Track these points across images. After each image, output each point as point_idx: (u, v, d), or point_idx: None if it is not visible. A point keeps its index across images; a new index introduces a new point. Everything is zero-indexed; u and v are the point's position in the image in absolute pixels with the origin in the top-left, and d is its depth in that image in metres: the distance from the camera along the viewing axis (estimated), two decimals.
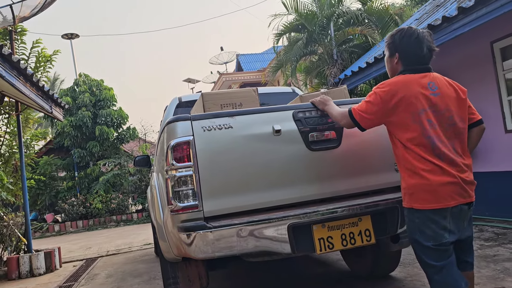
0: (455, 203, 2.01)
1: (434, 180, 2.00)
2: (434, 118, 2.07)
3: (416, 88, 2.09)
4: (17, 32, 6.75)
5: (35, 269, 6.04)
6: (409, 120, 2.08)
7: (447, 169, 2.01)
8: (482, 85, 5.62)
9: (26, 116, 7.22)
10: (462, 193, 2.02)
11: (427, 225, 2.04)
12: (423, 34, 2.18)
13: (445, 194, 2.00)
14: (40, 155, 14.47)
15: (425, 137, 2.04)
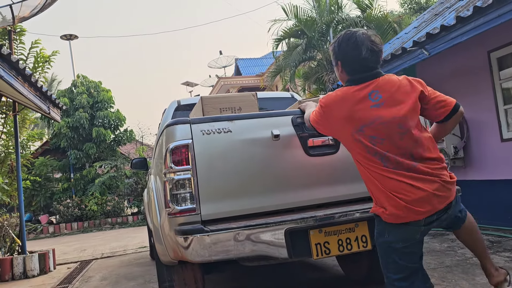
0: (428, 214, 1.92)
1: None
2: (378, 132, 1.92)
3: (350, 106, 1.96)
4: (16, 32, 6.75)
5: (29, 270, 6.00)
6: (349, 139, 2.01)
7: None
8: (478, 94, 5.66)
9: (23, 117, 7.19)
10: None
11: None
12: (362, 36, 2.01)
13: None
14: (36, 156, 14.43)
15: (371, 154, 1.93)
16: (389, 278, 2.06)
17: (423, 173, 1.90)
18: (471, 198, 4.98)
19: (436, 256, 4.34)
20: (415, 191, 1.87)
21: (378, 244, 2.09)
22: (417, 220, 1.90)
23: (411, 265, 2.01)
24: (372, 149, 1.93)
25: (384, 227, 2.01)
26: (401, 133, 1.92)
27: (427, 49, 5.45)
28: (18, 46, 6.89)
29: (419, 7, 17.11)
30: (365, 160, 1.98)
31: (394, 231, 1.97)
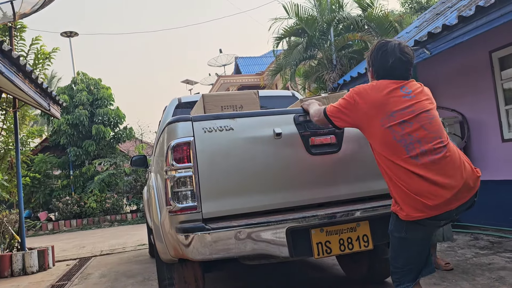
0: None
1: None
2: (409, 116, 2.08)
3: (384, 93, 2.14)
4: (16, 28, 6.73)
5: (28, 267, 5.99)
6: (376, 127, 2.13)
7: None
8: (480, 94, 5.65)
9: (23, 113, 7.18)
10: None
11: None
12: (393, 47, 2.21)
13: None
14: (36, 153, 14.41)
15: (397, 140, 2.07)
16: (397, 268, 2.22)
17: (447, 173, 2.01)
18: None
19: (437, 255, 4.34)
20: (440, 192, 1.99)
21: (393, 237, 2.22)
22: (436, 215, 2.02)
23: (422, 257, 2.21)
24: (399, 134, 2.06)
25: (402, 225, 2.12)
26: (430, 119, 2.11)
27: (429, 49, 5.44)
28: (19, 42, 6.87)
29: (420, 7, 17.09)
30: (388, 152, 2.09)
31: (413, 231, 2.11)
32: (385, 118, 2.10)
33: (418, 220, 2.05)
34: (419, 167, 2.01)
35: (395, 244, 2.22)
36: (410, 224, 2.09)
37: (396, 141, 2.06)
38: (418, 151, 2.03)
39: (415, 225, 2.08)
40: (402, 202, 2.08)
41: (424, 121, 2.08)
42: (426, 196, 1.99)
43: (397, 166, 2.06)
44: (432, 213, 2.01)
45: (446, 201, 2.00)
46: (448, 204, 2.01)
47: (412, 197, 2.02)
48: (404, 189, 2.04)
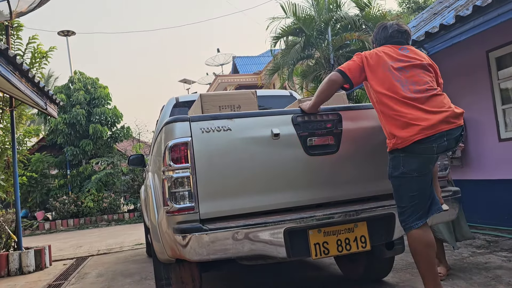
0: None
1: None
2: (405, 66, 2.55)
3: (389, 48, 2.66)
4: (13, 27, 6.70)
5: (25, 266, 5.98)
6: (381, 71, 2.56)
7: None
8: (477, 94, 5.66)
9: (20, 112, 7.14)
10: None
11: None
12: (392, 23, 2.81)
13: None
14: (33, 152, 14.35)
15: (395, 79, 2.51)
16: (403, 208, 2.47)
17: (437, 105, 2.42)
18: (468, 197, 4.99)
19: None
20: (431, 116, 2.38)
21: (394, 178, 2.50)
22: (430, 135, 2.35)
23: (425, 193, 2.46)
24: (397, 76, 2.51)
25: (399, 160, 2.46)
26: (424, 71, 2.57)
27: (426, 48, 5.44)
28: (16, 41, 6.83)
29: (418, 6, 17.12)
30: (389, 90, 2.49)
31: (409, 162, 2.42)
32: (386, 66, 2.55)
33: (414, 147, 2.37)
34: (415, 100, 2.42)
35: (396, 184, 2.50)
36: (406, 156, 2.42)
37: (395, 81, 2.49)
38: (413, 89, 2.46)
39: (410, 155, 2.41)
40: (400, 131, 2.41)
41: (419, 71, 2.55)
42: (421, 120, 2.37)
43: (396, 100, 2.45)
44: (427, 132, 2.35)
45: (438, 123, 2.37)
46: (440, 125, 2.37)
47: (410, 123, 2.38)
48: (401, 119, 2.40)
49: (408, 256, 4.42)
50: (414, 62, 2.57)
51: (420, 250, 2.44)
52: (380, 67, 2.57)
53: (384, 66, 2.56)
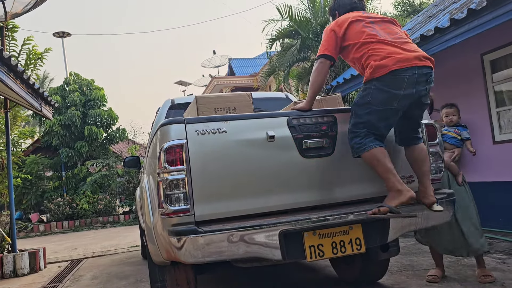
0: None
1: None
2: (375, 21, 2.81)
3: (356, 13, 2.89)
4: (8, 28, 6.67)
5: (19, 269, 5.94)
6: (358, 30, 2.76)
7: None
8: (471, 96, 5.69)
9: (14, 114, 7.10)
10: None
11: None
12: None
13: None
14: (27, 154, 14.28)
15: (370, 29, 2.74)
16: (356, 132, 2.58)
17: (412, 48, 2.68)
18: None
19: (429, 257, 4.35)
20: (407, 53, 2.60)
21: (357, 106, 2.65)
22: (404, 67, 2.54)
23: (380, 129, 2.60)
24: (372, 28, 2.75)
25: (369, 91, 2.61)
26: (393, 24, 2.87)
27: None
28: (10, 42, 6.80)
29: (413, 9, 17.20)
30: (365, 37, 2.70)
31: (378, 94, 2.57)
32: (360, 23, 2.78)
33: (387, 77, 2.54)
34: (392, 42, 2.66)
35: (358, 110, 2.63)
36: (377, 89, 2.57)
37: (371, 31, 2.72)
38: (388, 37, 2.70)
39: (381, 88, 2.56)
40: (378, 61, 2.57)
41: (389, 24, 2.84)
42: (398, 54, 2.58)
43: (376, 42, 2.66)
44: (401, 64, 2.53)
45: (413, 58, 2.57)
46: (414, 60, 2.57)
47: (387, 56, 2.57)
48: (381, 54, 2.60)
49: (403, 258, 4.44)
50: (383, 18, 2.89)
51: (376, 163, 2.54)
52: (353, 26, 2.78)
53: (357, 23, 2.78)
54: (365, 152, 2.53)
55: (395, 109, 2.60)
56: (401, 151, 2.83)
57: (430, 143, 2.92)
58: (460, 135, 3.83)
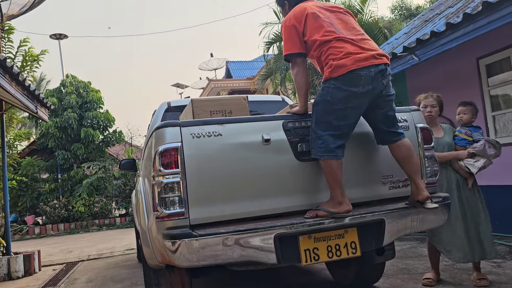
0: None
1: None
2: (329, 17, 2.78)
3: (310, 6, 2.81)
4: (4, 30, 6.66)
5: (13, 272, 5.90)
6: (316, 26, 2.72)
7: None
8: (467, 100, 5.70)
9: (10, 116, 7.10)
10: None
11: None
12: None
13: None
14: (23, 156, 14.23)
15: (328, 26, 2.71)
16: (317, 133, 2.58)
17: (369, 46, 2.70)
18: None
19: (425, 261, 4.36)
20: (365, 52, 2.62)
21: (318, 106, 2.63)
22: (361, 67, 2.56)
23: (342, 128, 2.60)
24: (329, 23, 2.73)
25: (328, 90, 2.61)
26: (349, 17, 2.88)
27: (417, 55, 5.49)
28: (6, 44, 6.80)
29: (409, 13, 17.28)
30: (324, 34, 2.68)
31: (337, 93, 2.58)
32: (316, 17, 2.73)
33: (346, 76, 2.55)
34: (351, 40, 2.66)
35: (318, 110, 2.63)
36: (335, 88, 2.57)
37: (328, 26, 2.70)
38: (346, 33, 2.70)
39: (340, 86, 2.56)
40: (338, 61, 2.58)
41: (345, 17, 2.84)
42: (356, 53, 2.59)
43: (332, 41, 2.65)
44: (359, 64, 2.56)
45: (369, 57, 2.60)
46: (371, 59, 2.60)
47: (346, 56, 2.58)
48: (340, 53, 2.60)
49: (399, 262, 4.44)
50: (339, 9, 2.89)
51: (328, 171, 2.56)
52: (311, 20, 2.74)
53: (314, 17, 2.74)
54: (323, 159, 2.55)
55: (355, 107, 2.62)
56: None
57: (426, 146, 2.93)
58: (472, 137, 3.58)
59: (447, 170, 3.57)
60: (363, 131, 2.81)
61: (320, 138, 2.56)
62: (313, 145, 2.60)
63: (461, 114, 3.69)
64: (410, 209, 2.68)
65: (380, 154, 2.82)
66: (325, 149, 2.54)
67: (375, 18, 10.48)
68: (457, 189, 3.52)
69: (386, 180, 2.82)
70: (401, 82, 7.12)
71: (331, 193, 2.57)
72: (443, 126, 3.78)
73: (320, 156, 2.55)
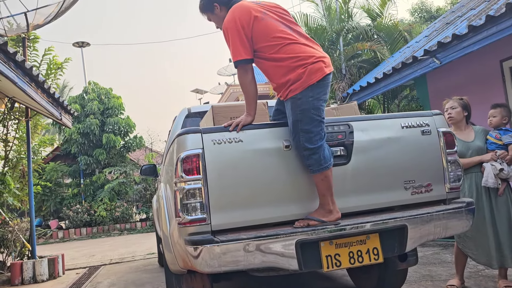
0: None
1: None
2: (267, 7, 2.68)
3: (251, 6, 2.64)
4: (30, 39, 6.84)
5: (38, 275, 6.03)
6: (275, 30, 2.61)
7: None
8: (491, 103, 5.59)
9: (35, 122, 7.26)
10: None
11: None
12: None
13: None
14: (47, 161, 14.55)
15: (285, 27, 2.64)
16: (312, 150, 2.49)
17: (316, 53, 2.63)
18: None
19: (448, 267, 4.29)
20: (322, 57, 2.60)
21: (301, 111, 2.52)
22: (329, 73, 2.60)
23: (324, 130, 2.57)
24: (286, 25, 2.66)
25: (306, 92, 2.52)
26: (290, 17, 2.77)
27: (438, 58, 5.42)
28: (32, 53, 6.97)
29: (430, 16, 17.05)
30: (281, 35, 2.59)
31: (316, 90, 2.54)
32: (258, 14, 2.58)
33: (320, 84, 2.54)
34: (307, 43, 2.63)
35: (304, 125, 2.51)
36: (313, 99, 2.52)
37: (278, 25, 2.61)
38: (295, 34, 2.64)
39: (317, 96, 2.53)
40: (307, 74, 2.51)
41: (289, 19, 2.73)
42: (323, 57, 2.59)
43: (291, 44, 2.57)
44: (328, 70, 2.59)
45: (327, 64, 2.61)
46: (330, 66, 2.64)
47: (313, 64, 2.53)
48: (311, 58, 2.54)
49: (422, 268, 4.37)
50: (280, 13, 2.71)
51: (324, 179, 2.51)
52: (258, 21, 2.59)
53: (259, 15, 2.60)
54: (325, 170, 2.50)
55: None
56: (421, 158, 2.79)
57: (448, 151, 2.88)
58: (502, 140, 3.45)
59: (477, 175, 3.49)
60: (384, 137, 2.78)
61: (316, 153, 2.48)
62: (309, 162, 2.50)
63: (490, 117, 3.61)
64: (433, 215, 2.64)
65: (402, 159, 2.79)
66: (324, 160, 2.49)
67: (395, 21, 10.39)
68: (486, 194, 3.43)
69: (408, 185, 2.79)
70: (422, 86, 7.04)
71: (322, 201, 2.53)
72: (474, 128, 3.67)
73: (324, 169, 2.49)
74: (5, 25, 6.22)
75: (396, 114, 3.07)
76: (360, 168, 2.69)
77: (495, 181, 3.32)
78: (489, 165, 3.38)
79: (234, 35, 2.58)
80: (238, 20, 2.57)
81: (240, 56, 2.59)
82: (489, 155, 3.43)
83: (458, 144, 3.17)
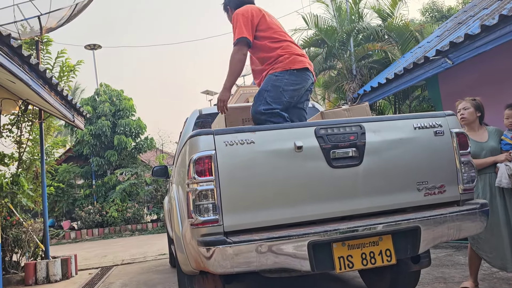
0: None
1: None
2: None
3: (259, 8, 3.22)
4: (43, 42, 6.93)
5: (52, 275, 6.10)
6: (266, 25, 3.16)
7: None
8: (505, 104, 5.53)
9: (48, 124, 7.35)
10: None
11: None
12: None
13: None
14: (60, 163, 14.72)
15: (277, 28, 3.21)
16: (267, 108, 2.91)
17: (305, 55, 3.25)
18: None
19: (461, 269, 4.25)
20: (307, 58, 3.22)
21: (272, 85, 2.97)
22: (310, 69, 3.14)
23: (288, 104, 3.04)
24: (284, 32, 3.24)
25: (284, 74, 2.99)
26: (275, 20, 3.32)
27: (451, 58, 5.38)
28: (45, 55, 7.06)
29: (441, 16, 16.89)
30: (278, 34, 3.16)
31: (292, 77, 2.99)
32: (266, 15, 3.17)
33: (291, 72, 3.00)
34: (295, 45, 3.22)
35: (271, 90, 2.97)
36: (277, 76, 2.97)
37: (280, 27, 3.19)
38: (286, 35, 3.23)
39: (283, 75, 2.97)
40: (290, 60, 3.01)
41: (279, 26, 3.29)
42: (305, 58, 3.13)
43: (286, 42, 3.11)
44: (309, 66, 3.12)
45: (311, 65, 3.17)
46: (311, 66, 3.20)
47: (299, 56, 3.06)
48: (291, 53, 3.03)
49: (435, 270, 4.33)
50: (279, 25, 3.27)
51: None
52: (265, 18, 3.13)
53: (267, 16, 3.17)
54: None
55: (305, 92, 3.22)
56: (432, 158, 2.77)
57: (462, 152, 2.85)
58: None
59: (491, 176, 3.45)
60: (397, 138, 2.77)
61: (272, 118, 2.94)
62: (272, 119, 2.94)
63: (510, 119, 3.55)
64: (447, 216, 2.62)
65: (414, 160, 2.77)
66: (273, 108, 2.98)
67: (406, 22, 10.31)
68: (500, 195, 3.39)
69: (421, 186, 2.76)
70: (433, 87, 6.98)
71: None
72: (488, 128, 3.63)
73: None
74: (19, 28, 6.30)
75: (409, 115, 3.05)
76: (372, 169, 2.67)
77: (509, 181, 3.28)
78: (503, 165, 3.34)
79: (243, 19, 3.04)
80: (250, 10, 3.08)
81: (243, 34, 3.01)
82: (503, 156, 3.39)
83: (471, 145, 3.14)
